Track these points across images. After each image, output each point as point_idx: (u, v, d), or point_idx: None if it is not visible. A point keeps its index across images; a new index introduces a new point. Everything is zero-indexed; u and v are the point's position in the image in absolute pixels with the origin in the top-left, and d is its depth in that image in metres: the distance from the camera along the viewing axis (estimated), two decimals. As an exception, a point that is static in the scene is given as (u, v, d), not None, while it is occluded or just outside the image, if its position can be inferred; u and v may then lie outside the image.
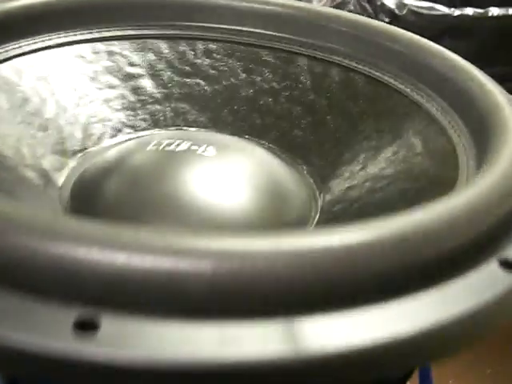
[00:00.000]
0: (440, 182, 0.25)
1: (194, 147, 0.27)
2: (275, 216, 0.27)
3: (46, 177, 0.28)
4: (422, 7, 0.46)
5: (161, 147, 0.27)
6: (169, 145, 0.28)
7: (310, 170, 0.30)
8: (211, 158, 0.27)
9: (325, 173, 0.30)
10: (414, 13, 0.46)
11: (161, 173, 0.27)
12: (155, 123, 0.32)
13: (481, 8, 0.47)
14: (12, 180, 0.25)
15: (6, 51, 0.31)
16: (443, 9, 0.45)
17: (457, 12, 0.45)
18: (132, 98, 0.33)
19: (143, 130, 0.32)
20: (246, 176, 0.28)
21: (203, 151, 0.27)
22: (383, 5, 0.47)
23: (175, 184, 0.26)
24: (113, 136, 0.31)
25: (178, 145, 0.28)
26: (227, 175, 0.27)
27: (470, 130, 0.26)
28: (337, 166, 0.30)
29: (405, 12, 0.46)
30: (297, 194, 0.28)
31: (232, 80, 0.34)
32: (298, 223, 0.27)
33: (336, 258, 0.16)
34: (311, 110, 0.32)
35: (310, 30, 0.34)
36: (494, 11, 0.46)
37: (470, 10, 0.47)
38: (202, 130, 0.32)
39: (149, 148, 0.27)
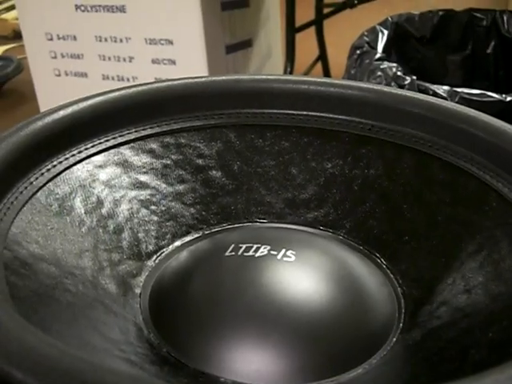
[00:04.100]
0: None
1: (272, 252, 0.27)
2: (358, 325, 0.26)
3: (124, 285, 0.28)
4: (473, 94, 0.46)
5: (239, 252, 0.27)
6: (247, 250, 0.27)
7: (389, 264, 0.29)
8: (291, 264, 0.27)
9: (404, 268, 0.29)
10: (466, 100, 0.46)
11: (241, 282, 0.26)
12: (227, 217, 0.32)
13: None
14: (92, 296, 0.25)
15: (79, 152, 0.31)
16: (494, 95, 0.44)
17: (509, 98, 0.44)
18: (203, 191, 0.32)
19: (215, 224, 0.32)
20: (326, 282, 0.27)
21: (282, 256, 0.27)
22: (435, 93, 0.46)
23: (256, 294, 0.26)
24: (186, 233, 0.31)
25: (257, 250, 0.27)
26: (307, 283, 0.26)
27: None
28: (417, 260, 0.29)
29: (457, 99, 0.46)
30: (379, 296, 0.27)
31: (302, 167, 0.33)
32: (382, 329, 0.26)
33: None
34: (385, 198, 0.31)
35: (378, 112, 0.33)
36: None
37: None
38: (275, 223, 0.32)
39: (227, 253, 0.27)
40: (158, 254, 0.30)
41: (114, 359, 0.23)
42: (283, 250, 0.27)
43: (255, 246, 0.27)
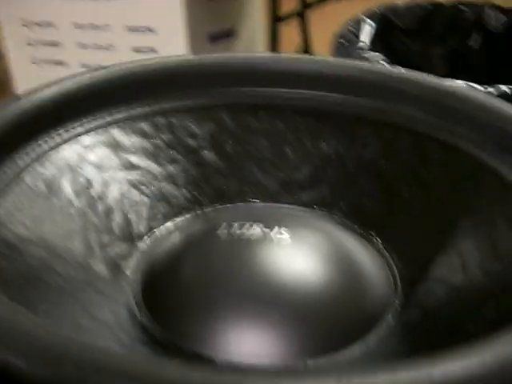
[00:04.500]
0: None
1: (265, 229, 0.26)
2: (353, 303, 0.25)
3: (115, 267, 0.27)
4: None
5: (231, 231, 0.26)
6: (239, 228, 0.26)
7: (384, 243, 0.29)
8: (285, 243, 0.26)
9: (400, 247, 0.28)
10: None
11: (234, 261, 0.25)
12: (220, 198, 0.31)
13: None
14: (82, 279, 0.24)
15: (66, 131, 0.30)
16: (477, 86, 0.44)
17: (490, 89, 0.44)
18: (195, 172, 0.31)
19: (208, 205, 0.31)
20: (320, 260, 0.26)
21: (276, 234, 0.26)
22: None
23: (250, 273, 0.25)
24: (178, 214, 0.30)
25: (249, 228, 0.26)
26: (301, 261, 0.26)
27: None
28: (413, 239, 0.28)
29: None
30: (374, 275, 0.27)
31: (296, 148, 0.32)
32: (378, 308, 0.25)
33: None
34: (381, 178, 0.31)
35: (374, 91, 0.33)
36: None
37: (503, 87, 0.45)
38: (269, 202, 0.31)
39: (219, 232, 0.26)
40: (149, 236, 0.29)
41: (106, 341, 0.22)
42: (276, 228, 0.26)
43: (248, 224, 0.27)
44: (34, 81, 0.93)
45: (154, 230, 0.29)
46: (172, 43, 0.78)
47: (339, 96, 0.33)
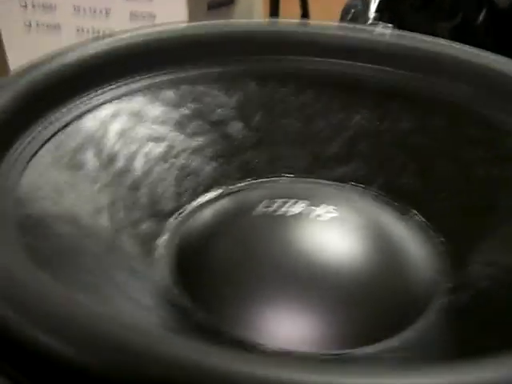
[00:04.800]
0: None
1: (311, 207, 0.25)
2: (400, 288, 0.24)
3: (146, 246, 0.25)
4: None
5: (275, 207, 0.25)
6: (283, 205, 0.25)
7: (428, 222, 0.28)
8: (331, 221, 0.25)
9: (445, 225, 0.27)
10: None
11: (279, 241, 0.24)
12: (250, 172, 0.30)
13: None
14: (114, 259, 0.23)
15: (90, 99, 0.28)
16: None
17: None
18: (223, 144, 0.30)
19: (238, 180, 0.29)
20: (367, 242, 0.25)
21: (322, 212, 0.25)
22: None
23: (296, 254, 0.24)
24: (207, 189, 0.29)
25: (294, 204, 0.25)
26: (348, 242, 0.25)
27: None
28: (457, 218, 0.27)
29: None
30: (421, 256, 0.26)
31: (329, 120, 0.31)
32: (426, 292, 0.24)
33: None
34: (417, 154, 0.29)
35: (409, 62, 0.31)
36: None
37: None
38: (302, 177, 0.30)
39: (260, 209, 0.25)
40: (180, 212, 0.27)
41: (148, 325, 0.21)
42: (323, 206, 0.25)
43: (291, 201, 0.25)
44: (27, 46, 0.89)
45: (184, 206, 0.28)
46: (171, 9, 0.76)
47: (374, 67, 0.31)
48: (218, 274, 0.24)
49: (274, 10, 0.83)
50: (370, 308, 0.23)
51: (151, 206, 0.27)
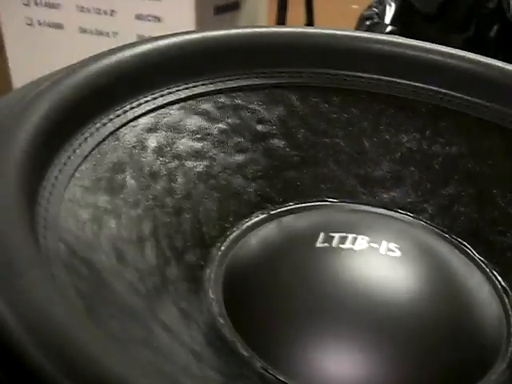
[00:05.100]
0: None
1: (373, 245, 0.23)
2: (468, 334, 0.23)
3: (193, 279, 0.23)
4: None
5: (333, 243, 0.23)
6: (342, 241, 0.23)
7: (484, 258, 0.26)
8: (395, 261, 0.23)
9: (504, 264, 0.26)
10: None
11: (343, 281, 0.22)
12: (293, 194, 0.28)
13: None
14: (157, 291, 0.21)
15: (124, 112, 0.26)
16: None
17: None
18: (265, 163, 0.28)
19: (281, 203, 0.27)
20: (431, 283, 0.23)
21: (385, 250, 0.23)
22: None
23: (363, 297, 0.22)
24: (250, 212, 0.27)
25: (354, 241, 0.23)
26: (414, 284, 0.23)
27: None
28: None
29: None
30: (483, 299, 0.24)
31: (375, 140, 0.29)
32: (494, 339, 0.23)
33: None
34: (472, 181, 0.28)
35: (460, 81, 0.29)
36: None
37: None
38: (347, 202, 0.28)
39: (320, 245, 0.23)
40: (223, 239, 0.25)
41: (191, 366, 0.19)
42: (384, 243, 0.23)
43: (351, 237, 0.23)
44: (28, 44, 0.85)
45: (227, 232, 0.25)
46: (178, 12, 0.73)
47: (420, 84, 0.30)
48: (271, 311, 0.22)
49: (281, 19, 0.82)
50: (436, 358, 0.21)
51: (194, 232, 0.25)
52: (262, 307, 0.22)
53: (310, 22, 0.90)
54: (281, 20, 0.83)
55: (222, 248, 0.25)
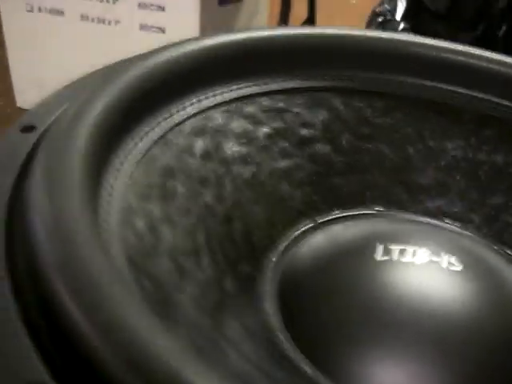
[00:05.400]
0: None
1: (434, 258, 0.22)
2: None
3: (248, 291, 0.22)
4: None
5: (394, 257, 0.22)
6: (403, 254, 0.22)
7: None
8: (457, 275, 0.22)
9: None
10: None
11: (405, 295, 0.22)
12: (339, 202, 0.27)
13: None
14: (214, 302, 0.20)
15: (171, 116, 0.24)
16: None
17: None
18: (310, 168, 0.27)
19: (327, 210, 0.27)
20: (489, 298, 0.23)
21: (447, 264, 0.22)
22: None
23: (427, 313, 0.21)
24: (296, 220, 0.26)
25: (414, 254, 0.22)
26: (475, 299, 0.22)
27: None
28: None
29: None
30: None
31: (420, 147, 0.28)
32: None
33: None
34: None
35: (506, 88, 0.29)
36: None
37: None
38: (393, 210, 0.27)
39: (381, 258, 0.22)
40: (273, 249, 0.24)
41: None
42: (444, 256, 0.23)
43: (410, 249, 0.23)
44: (28, 31, 0.82)
45: (277, 241, 0.25)
46: (182, 1, 0.72)
47: (465, 91, 0.29)
48: (331, 326, 0.21)
49: (285, 15, 0.81)
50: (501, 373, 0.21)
51: (245, 242, 0.24)
52: (323, 323, 0.21)
53: (311, 18, 0.89)
54: (284, 12, 0.82)
55: (274, 259, 0.24)
